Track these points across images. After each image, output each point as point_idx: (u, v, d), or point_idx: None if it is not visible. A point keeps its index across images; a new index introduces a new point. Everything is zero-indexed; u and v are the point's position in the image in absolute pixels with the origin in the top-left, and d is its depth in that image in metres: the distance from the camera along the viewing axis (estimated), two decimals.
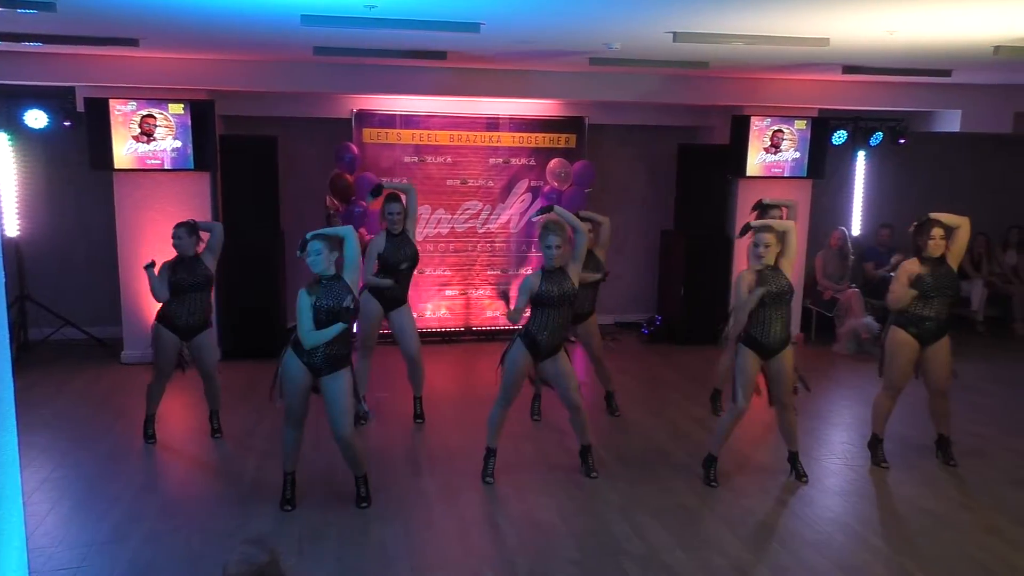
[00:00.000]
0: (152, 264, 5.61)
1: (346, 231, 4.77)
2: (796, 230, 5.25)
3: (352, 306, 4.53)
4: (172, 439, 5.95)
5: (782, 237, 5.10)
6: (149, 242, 7.57)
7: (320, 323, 4.54)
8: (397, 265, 5.94)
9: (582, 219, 5.58)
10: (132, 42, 6.09)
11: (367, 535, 4.53)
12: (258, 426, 6.14)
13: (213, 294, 5.97)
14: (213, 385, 5.93)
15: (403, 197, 6.03)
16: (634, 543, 4.47)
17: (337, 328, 4.53)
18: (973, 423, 6.34)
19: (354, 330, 4.92)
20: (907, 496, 5.13)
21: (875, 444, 5.65)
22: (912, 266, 5.41)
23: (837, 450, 5.91)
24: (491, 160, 8.66)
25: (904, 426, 6.24)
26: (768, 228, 5.11)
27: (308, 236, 4.65)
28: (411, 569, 4.20)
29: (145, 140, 7.40)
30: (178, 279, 5.64)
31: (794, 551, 4.44)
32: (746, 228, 5.33)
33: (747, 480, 5.33)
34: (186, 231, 5.65)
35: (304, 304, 4.54)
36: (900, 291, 5.38)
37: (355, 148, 8.17)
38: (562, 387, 5.21)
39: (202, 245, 5.78)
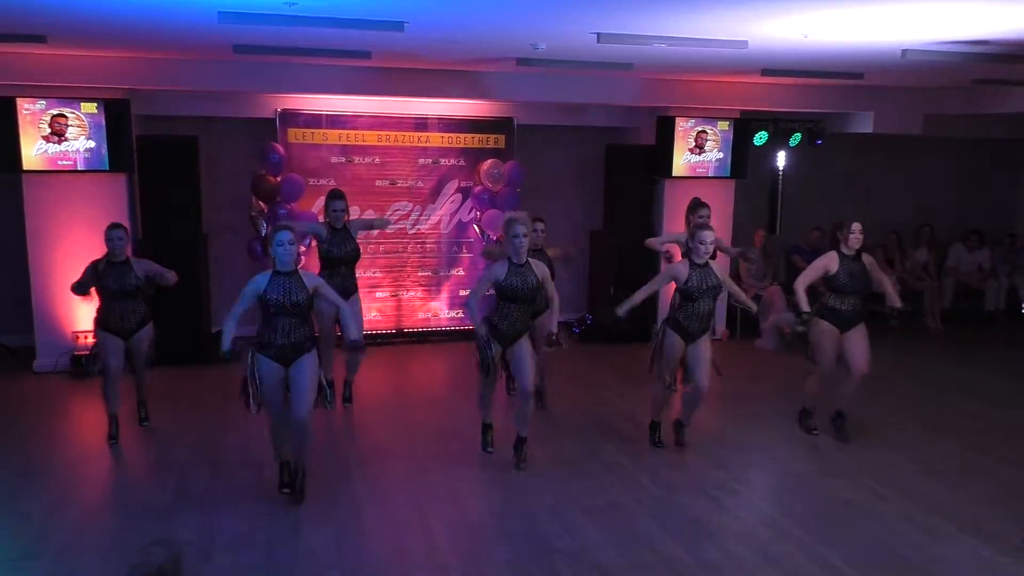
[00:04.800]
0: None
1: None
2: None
3: (230, 351, 4.75)
4: (89, 450, 5.72)
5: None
6: (62, 246, 7.28)
7: (267, 314, 4.71)
8: (339, 258, 6.18)
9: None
10: (39, 38, 5.83)
11: (297, 541, 4.44)
12: (182, 435, 5.96)
13: None
14: (141, 380, 5.97)
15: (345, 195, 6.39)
16: (566, 541, 4.49)
17: (226, 341, 4.75)
18: (889, 415, 6.58)
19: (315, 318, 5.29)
20: (827, 488, 5.28)
21: (805, 416, 6.21)
22: (829, 261, 5.85)
23: (761, 443, 6.06)
24: (420, 160, 8.60)
25: (822, 420, 6.44)
26: (708, 225, 5.60)
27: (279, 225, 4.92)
28: (342, 574, 4.13)
29: (56, 140, 7.10)
30: (104, 284, 5.59)
31: (722, 545, 4.52)
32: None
33: (676, 476, 5.41)
34: (122, 233, 5.62)
35: (250, 291, 4.72)
36: (806, 276, 5.91)
37: (281, 149, 8.01)
38: (520, 372, 5.38)
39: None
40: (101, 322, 5.67)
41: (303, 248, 6.11)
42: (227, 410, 6.50)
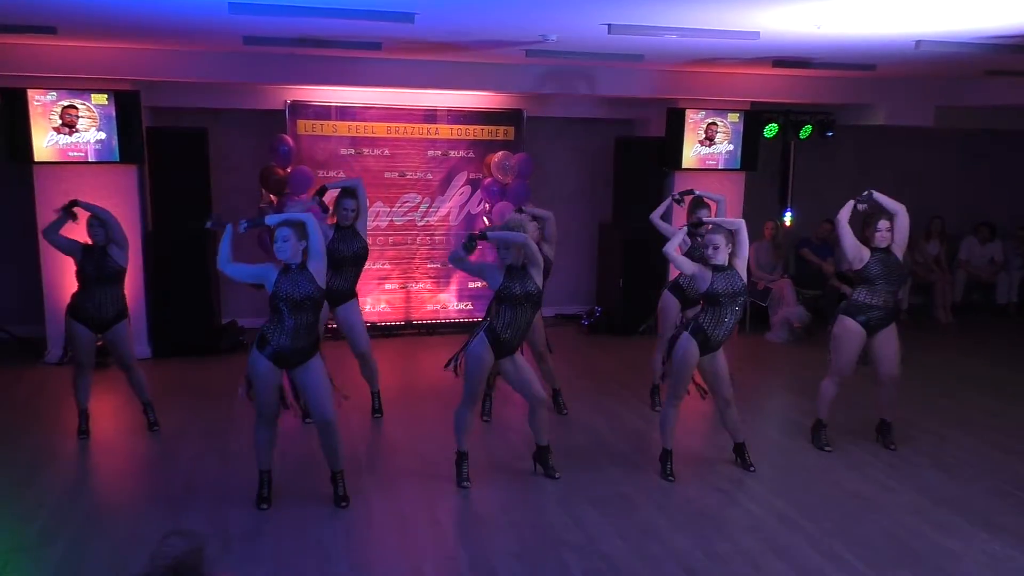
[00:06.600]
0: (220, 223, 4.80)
1: (306, 217, 4.55)
2: (746, 227, 5.04)
3: (214, 223, 4.56)
4: (99, 441, 5.76)
5: (732, 236, 4.97)
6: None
7: (279, 312, 4.46)
8: (347, 257, 5.89)
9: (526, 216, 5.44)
10: (50, 30, 5.86)
11: (305, 534, 4.45)
12: (191, 426, 5.99)
13: (142, 286, 5.85)
14: (135, 376, 5.83)
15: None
16: (574, 533, 4.50)
17: (225, 240, 4.51)
18: (898, 408, 6.53)
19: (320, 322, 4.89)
20: (836, 480, 5.27)
21: (818, 428, 5.79)
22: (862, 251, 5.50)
23: (770, 436, 6.05)
24: (429, 152, 8.59)
25: (836, 411, 6.42)
26: (719, 228, 4.96)
27: (273, 222, 4.53)
28: (349, 567, 4.14)
29: (67, 132, 7.13)
30: (84, 271, 5.58)
31: (730, 536, 4.52)
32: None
33: (684, 468, 5.40)
34: (99, 223, 5.63)
35: (260, 269, 4.55)
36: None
37: (290, 140, 8.01)
38: (525, 384, 5.06)
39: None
40: (73, 310, 5.60)
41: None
42: (235, 402, 6.53)
